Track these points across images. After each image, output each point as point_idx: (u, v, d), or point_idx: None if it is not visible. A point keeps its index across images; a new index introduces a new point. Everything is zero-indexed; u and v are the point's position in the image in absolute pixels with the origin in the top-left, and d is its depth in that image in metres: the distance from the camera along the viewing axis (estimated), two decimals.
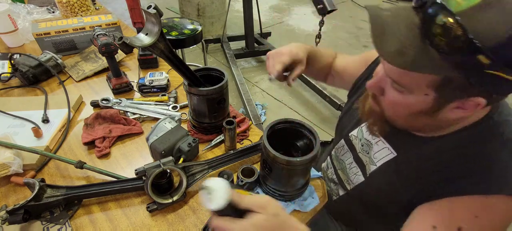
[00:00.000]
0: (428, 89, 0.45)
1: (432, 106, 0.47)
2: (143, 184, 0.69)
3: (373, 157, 0.69)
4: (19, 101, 1.00)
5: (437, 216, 0.51)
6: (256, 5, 2.74)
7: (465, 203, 0.49)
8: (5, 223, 0.63)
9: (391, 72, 0.49)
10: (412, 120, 0.53)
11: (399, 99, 0.50)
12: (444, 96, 0.45)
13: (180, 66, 0.74)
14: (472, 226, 0.47)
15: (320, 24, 1.93)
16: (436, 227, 0.49)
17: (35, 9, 1.63)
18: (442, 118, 0.50)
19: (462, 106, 0.46)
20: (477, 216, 0.47)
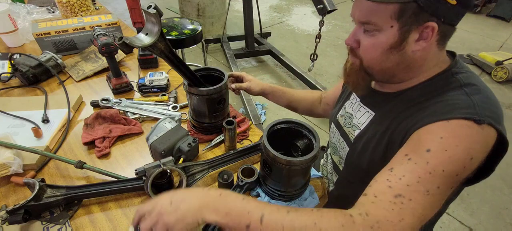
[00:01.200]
0: (392, 21, 0.54)
1: (398, 38, 0.55)
2: (143, 184, 0.69)
3: (357, 124, 0.76)
4: (19, 101, 1.00)
5: (408, 147, 0.56)
6: (256, 5, 2.74)
7: (430, 129, 0.54)
8: (5, 223, 0.63)
9: (362, 16, 0.58)
10: (386, 60, 0.59)
11: (372, 41, 0.58)
12: (405, 24, 0.54)
13: (180, 66, 0.74)
14: (439, 145, 0.51)
15: (320, 24, 1.93)
16: (408, 154, 0.53)
17: (35, 9, 1.63)
18: (409, 54, 0.57)
19: (422, 36, 0.55)
20: (442, 137, 0.51)
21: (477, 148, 0.51)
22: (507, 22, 4.35)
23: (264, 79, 2.89)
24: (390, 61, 0.59)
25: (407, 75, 0.63)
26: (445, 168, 0.49)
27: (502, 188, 1.95)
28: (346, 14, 4.36)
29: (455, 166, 0.50)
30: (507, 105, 2.72)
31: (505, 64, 2.94)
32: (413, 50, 0.57)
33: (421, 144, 0.53)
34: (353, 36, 0.62)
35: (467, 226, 1.73)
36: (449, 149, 0.50)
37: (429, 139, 0.53)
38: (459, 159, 0.50)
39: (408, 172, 0.50)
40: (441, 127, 0.53)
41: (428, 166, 0.50)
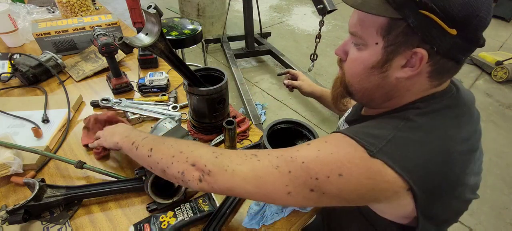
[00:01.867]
0: (378, 37, 0.49)
1: (381, 57, 0.50)
2: (143, 184, 0.69)
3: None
4: (19, 101, 1.00)
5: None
6: (256, 5, 2.74)
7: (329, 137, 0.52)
8: (5, 223, 0.63)
9: (351, 26, 0.53)
10: (365, 79, 0.54)
11: (356, 56, 0.54)
12: (391, 44, 0.48)
13: (180, 66, 0.74)
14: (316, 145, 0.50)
15: (320, 24, 1.93)
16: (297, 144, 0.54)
17: (35, 9, 1.63)
18: (392, 80, 0.51)
19: (409, 63, 0.48)
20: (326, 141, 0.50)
21: (352, 170, 0.45)
22: (507, 22, 4.35)
23: (264, 79, 2.89)
24: (370, 82, 0.54)
25: (385, 103, 0.56)
26: (305, 161, 0.47)
27: (502, 188, 1.95)
28: (346, 14, 4.36)
29: (317, 166, 0.46)
30: (507, 105, 2.72)
31: (505, 64, 2.94)
32: (397, 77, 0.50)
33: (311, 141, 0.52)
34: (343, 46, 0.59)
35: (467, 226, 1.73)
36: (322, 150, 0.48)
37: (319, 139, 0.52)
38: (325, 164, 0.46)
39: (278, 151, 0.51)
40: (334, 136, 0.50)
41: (294, 152, 0.49)
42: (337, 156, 0.47)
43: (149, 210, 0.70)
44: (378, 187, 0.45)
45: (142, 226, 0.65)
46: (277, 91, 2.72)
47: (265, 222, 0.69)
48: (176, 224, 0.65)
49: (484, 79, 3.07)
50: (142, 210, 0.71)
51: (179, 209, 0.69)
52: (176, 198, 0.71)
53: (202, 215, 0.68)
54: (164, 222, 0.65)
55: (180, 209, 0.69)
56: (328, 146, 0.49)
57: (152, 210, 0.70)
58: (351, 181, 0.45)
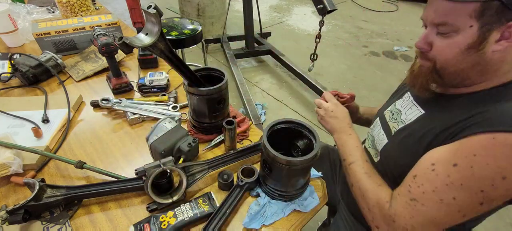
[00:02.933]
0: (471, 20, 0.51)
1: (478, 38, 0.53)
2: (143, 184, 0.69)
3: (403, 120, 0.74)
4: (19, 101, 1.00)
5: (440, 153, 0.55)
6: (256, 5, 2.74)
7: (470, 142, 0.52)
8: (5, 223, 0.63)
9: (437, 17, 0.56)
10: (462, 61, 0.56)
11: (448, 42, 0.56)
12: (486, 23, 0.51)
13: (180, 66, 0.74)
14: (467, 162, 0.50)
15: (320, 24, 1.93)
16: (434, 164, 0.54)
17: (35, 9, 1.63)
18: (488, 55, 0.54)
19: (503, 36, 0.52)
20: (475, 154, 0.50)
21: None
22: None
23: (264, 79, 2.89)
24: (467, 62, 0.56)
25: (480, 78, 0.59)
26: (464, 183, 0.50)
27: None
28: (346, 14, 4.36)
29: (478, 182, 0.49)
30: None
31: None
32: (493, 50, 0.54)
33: (453, 156, 0.53)
34: (425, 39, 0.60)
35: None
36: (476, 166, 0.50)
37: (463, 153, 0.52)
38: (486, 177, 0.49)
39: (427, 181, 0.53)
40: (482, 143, 0.50)
41: (448, 178, 0.51)
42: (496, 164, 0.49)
43: (149, 210, 0.70)
44: None
45: (142, 226, 0.65)
46: (277, 91, 2.72)
47: (265, 222, 0.69)
48: (176, 224, 0.65)
49: None
50: (142, 210, 0.71)
51: (179, 209, 0.69)
52: (176, 197, 0.71)
53: (202, 215, 0.68)
54: (164, 222, 0.65)
55: (180, 209, 0.69)
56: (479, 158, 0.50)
57: (152, 210, 0.70)
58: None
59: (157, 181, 0.71)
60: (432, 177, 0.53)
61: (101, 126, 0.95)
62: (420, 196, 0.54)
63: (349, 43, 3.60)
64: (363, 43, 3.61)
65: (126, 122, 0.97)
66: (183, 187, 0.71)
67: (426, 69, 0.64)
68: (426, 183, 0.54)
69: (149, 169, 0.66)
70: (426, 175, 0.55)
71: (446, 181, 0.51)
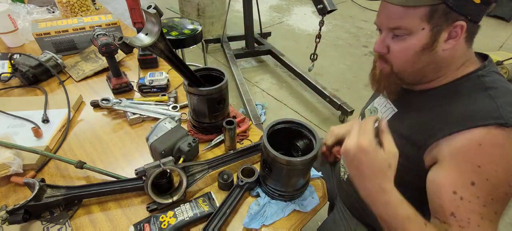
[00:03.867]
0: (423, 23, 0.56)
1: (430, 38, 0.57)
2: (143, 184, 0.69)
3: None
4: (19, 101, 1.00)
5: (450, 180, 0.56)
6: (256, 5, 2.74)
7: (462, 152, 0.55)
8: (5, 223, 0.63)
9: (391, 22, 0.59)
10: (417, 62, 0.61)
11: (403, 45, 0.60)
12: (436, 25, 0.56)
13: (180, 66, 0.74)
14: (480, 176, 0.53)
15: (320, 24, 1.93)
16: (456, 192, 0.55)
17: (35, 9, 1.63)
18: (440, 54, 0.59)
19: (451, 35, 0.57)
20: (479, 165, 0.53)
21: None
22: (507, 22, 4.34)
23: (264, 79, 2.89)
24: (422, 62, 0.61)
25: (436, 74, 0.64)
26: (493, 196, 0.53)
27: None
28: (346, 14, 4.36)
29: (501, 189, 0.52)
30: None
31: (505, 64, 2.93)
32: (443, 49, 0.58)
33: (463, 176, 0.54)
34: (382, 42, 0.63)
35: None
36: (490, 177, 0.52)
37: (468, 169, 0.54)
38: (502, 181, 0.52)
39: (470, 212, 0.53)
40: (474, 151, 0.53)
41: (480, 200, 0.53)
42: (501, 166, 0.52)
43: (149, 210, 0.70)
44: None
45: (142, 226, 0.65)
46: (277, 91, 2.72)
47: (265, 222, 0.69)
48: (176, 224, 0.65)
49: None
50: (142, 210, 0.71)
51: (179, 209, 0.69)
52: (176, 197, 0.71)
53: (202, 215, 0.68)
54: (164, 222, 0.65)
55: (180, 209, 0.69)
56: (486, 168, 0.52)
57: (152, 210, 0.70)
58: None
59: (157, 181, 0.71)
60: (468, 206, 0.53)
61: (101, 126, 0.95)
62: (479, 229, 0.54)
63: (349, 43, 3.60)
64: (363, 43, 3.61)
65: (126, 122, 0.97)
66: (183, 187, 0.71)
67: (386, 72, 0.67)
68: (471, 214, 0.53)
69: (149, 169, 0.66)
70: (461, 207, 0.54)
71: (481, 202, 0.53)
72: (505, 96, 0.56)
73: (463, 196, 0.54)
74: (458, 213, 0.54)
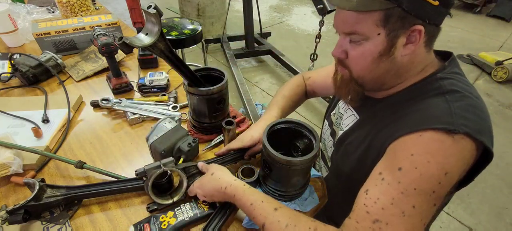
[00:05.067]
0: (378, 28, 0.53)
1: (387, 44, 0.55)
2: (143, 184, 0.69)
3: (342, 124, 0.77)
4: (19, 101, 1.00)
5: (382, 163, 0.56)
6: (256, 5, 2.74)
7: (403, 143, 0.54)
8: (5, 223, 0.63)
9: (346, 27, 0.57)
10: (376, 68, 0.59)
11: (361, 50, 0.58)
12: (392, 30, 0.53)
13: (180, 66, 0.74)
14: (410, 164, 0.50)
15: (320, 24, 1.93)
16: (381, 173, 0.54)
17: (35, 9, 1.63)
18: (399, 59, 0.57)
19: (409, 40, 0.55)
20: (412, 153, 0.51)
21: (451, 161, 0.49)
22: (507, 22, 4.35)
23: (264, 79, 2.89)
24: (380, 69, 0.59)
25: (396, 81, 0.63)
26: (417, 186, 0.49)
27: (502, 188, 1.95)
28: None
29: (429, 183, 0.49)
30: (507, 105, 2.72)
31: (505, 64, 2.93)
32: (402, 54, 0.56)
33: (394, 161, 0.53)
34: (340, 47, 0.62)
35: (467, 226, 1.73)
36: (419, 166, 0.49)
37: (401, 156, 0.52)
38: (432, 175, 0.49)
39: (382, 194, 0.51)
40: (413, 141, 0.52)
41: (400, 185, 0.50)
42: (435, 159, 0.49)
43: (149, 211, 0.70)
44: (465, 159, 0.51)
45: (142, 226, 0.65)
46: None
47: None
48: (176, 224, 0.65)
49: (484, 79, 3.07)
50: (142, 210, 0.71)
51: (179, 209, 0.69)
52: (177, 198, 0.71)
53: (202, 215, 0.68)
54: (164, 222, 0.65)
55: (180, 209, 0.69)
56: (418, 157, 0.50)
57: (152, 210, 0.70)
58: (454, 171, 0.50)
59: (158, 181, 0.71)
60: (384, 188, 0.51)
61: (101, 126, 0.95)
62: (381, 214, 0.49)
63: None
64: None
65: (126, 122, 0.97)
66: (183, 188, 0.71)
67: (346, 78, 0.66)
68: (382, 196, 0.50)
69: (150, 170, 0.66)
70: (377, 186, 0.52)
71: (400, 188, 0.49)
72: (460, 101, 0.54)
73: (385, 177, 0.52)
74: (371, 191, 0.52)
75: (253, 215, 0.58)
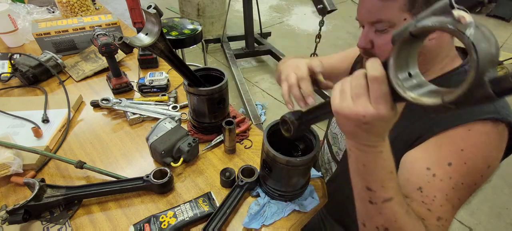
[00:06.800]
0: (404, 13, 0.52)
1: None
2: (143, 184, 0.69)
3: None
4: (19, 101, 1.00)
5: (427, 157, 0.55)
6: (256, 5, 2.74)
7: (449, 139, 0.54)
8: (5, 223, 0.63)
9: (372, 16, 0.56)
10: None
11: (387, 38, 0.56)
12: (417, 13, 0.51)
13: (180, 66, 0.74)
14: (459, 159, 0.52)
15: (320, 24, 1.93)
16: (430, 168, 0.53)
17: (35, 9, 1.63)
18: (426, 44, 0.54)
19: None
20: (462, 149, 0.52)
21: (494, 154, 0.52)
22: (507, 22, 4.34)
23: (264, 79, 2.89)
24: None
25: (425, 66, 0.61)
26: (464, 181, 0.51)
27: (502, 188, 1.95)
28: (346, 14, 4.36)
29: (473, 176, 0.52)
30: None
31: (505, 64, 2.94)
32: (430, 38, 0.55)
33: (442, 155, 0.53)
34: (365, 37, 0.61)
35: (467, 226, 1.73)
36: (468, 161, 0.51)
37: (450, 150, 0.53)
38: (477, 169, 0.51)
39: (437, 191, 0.52)
40: (461, 136, 0.53)
41: (451, 181, 0.52)
42: (481, 154, 0.51)
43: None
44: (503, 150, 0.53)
45: (142, 226, 0.65)
46: (277, 91, 2.72)
47: (265, 222, 0.69)
48: (176, 224, 0.65)
49: None
50: (142, 210, 0.71)
51: (179, 209, 0.69)
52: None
53: (202, 215, 0.68)
54: (164, 222, 0.65)
55: (180, 209, 0.69)
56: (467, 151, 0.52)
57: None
58: (495, 164, 0.52)
59: (157, 181, 0.71)
60: (438, 184, 0.52)
61: (101, 126, 0.95)
62: (441, 211, 0.51)
63: (349, 43, 3.60)
64: None
65: (126, 122, 0.97)
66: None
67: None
68: (438, 193, 0.52)
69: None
70: (431, 183, 0.52)
71: (451, 184, 0.51)
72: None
73: (436, 173, 0.53)
74: (426, 189, 0.53)
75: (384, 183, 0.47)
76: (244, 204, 0.74)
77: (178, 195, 0.75)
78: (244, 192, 0.73)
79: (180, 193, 0.75)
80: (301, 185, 0.72)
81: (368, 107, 0.38)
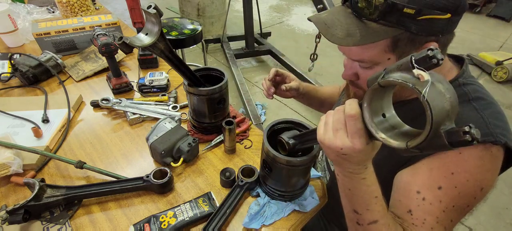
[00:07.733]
0: (388, 54, 0.52)
1: None
2: (143, 184, 0.69)
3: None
4: (19, 101, 1.00)
5: (418, 180, 0.54)
6: (256, 5, 2.74)
7: (440, 161, 0.53)
8: (5, 223, 0.63)
9: (353, 55, 0.56)
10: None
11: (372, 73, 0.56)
12: (402, 52, 0.51)
13: (180, 66, 0.74)
14: (450, 183, 0.51)
15: None
16: (420, 192, 0.53)
17: (35, 9, 1.63)
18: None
19: None
20: (453, 172, 0.51)
21: (487, 177, 0.51)
22: (507, 22, 4.35)
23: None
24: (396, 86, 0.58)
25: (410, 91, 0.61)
26: (456, 204, 0.51)
27: (502, 188, 1.95)
28: None
29: (466, 199, 0.51)
30: (507, 105, 2.72)
31: (505, 64, 2.94)
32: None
33: (432, 179, 0.53)
34: (349, 69, 0.60)
35: (467, 226, 1.73)
36: (459, 185, 0.51)
37: (440, 174, 0.52)
38: (469, 193, 0.51)
39: (427, 214, 0.52)
40: (451, 159, 0.51)
41: (442, 204, 0.51)
42: (474, 178, 0.50)
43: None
44: (497, 171, 0.52)
45: (142, 226, 0.65)
46: None
47: (265, 222, 0.69)
48: (176, 224, 0.65)
49: (484, 79, 3.07)
50: (142, 210, 0.71)
51: (179, 209, 0.69)
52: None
53: (202, 215, 0.68)
54: (164, 222, 0.65)
55: (180, 209, 0.69)
56: (458, 176, 0.51)
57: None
58: (489, 185, 0.51)
59: (158, 180, 0.71)
60: (428, 208, 0.52)
61: (101, 126, 0.95)
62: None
63: None
64: None
65: (126, 122, 0.97)
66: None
67: (359, 96, 0.64)
68: (428, 216, 0.52)
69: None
70: (420, 207, 0.53)
71: (442, 207, 0.51)
72: (488, 108, 0.54)
73: (426, 197, 0.52)
74: (415, 212, 0.53)
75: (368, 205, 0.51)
76: (244, 204, 0.74)
77: (178, 195, 0.75)
78: (244, 192, 0.73)
79: (180, 193, 0.75)
80: (301, 185, 0.72)
81: (345, 141, 0.43)
